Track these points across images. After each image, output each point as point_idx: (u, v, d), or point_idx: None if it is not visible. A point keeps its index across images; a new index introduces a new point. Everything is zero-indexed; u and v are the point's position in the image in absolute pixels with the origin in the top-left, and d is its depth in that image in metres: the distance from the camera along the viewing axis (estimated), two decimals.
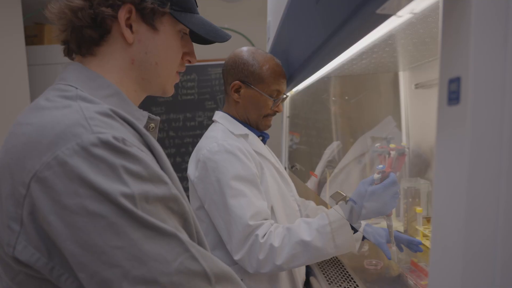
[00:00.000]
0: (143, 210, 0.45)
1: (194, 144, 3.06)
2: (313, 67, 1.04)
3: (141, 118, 0.59)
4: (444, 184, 0.37)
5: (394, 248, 1.03)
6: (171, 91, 0.64)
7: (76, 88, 0.53)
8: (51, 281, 0.46)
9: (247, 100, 1.12)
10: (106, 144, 0.46)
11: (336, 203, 0.96)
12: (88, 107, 0.49)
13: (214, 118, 1.17)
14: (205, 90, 3.00)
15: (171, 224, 0.47)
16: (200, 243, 0.53)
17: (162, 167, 0.52)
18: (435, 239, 0.38)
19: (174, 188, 0.49)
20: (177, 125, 2.99)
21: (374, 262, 1.16)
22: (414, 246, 1.07)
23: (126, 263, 0.43)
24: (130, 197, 0.44)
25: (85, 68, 0.56)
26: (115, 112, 0.51)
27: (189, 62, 0.65)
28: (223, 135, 1.07)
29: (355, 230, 0.98)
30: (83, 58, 0.58)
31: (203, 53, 3.05)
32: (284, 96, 1.15)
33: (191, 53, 0.65)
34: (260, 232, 0.94)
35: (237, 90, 1.12)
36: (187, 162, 1.14)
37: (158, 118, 0.63)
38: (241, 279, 0.79)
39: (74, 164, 0.44)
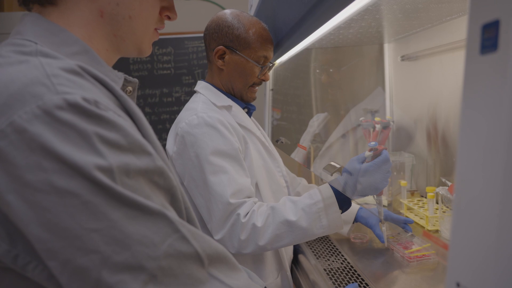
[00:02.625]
0: (123, 185, 0.39)
1: (171, 121, 2.96)
2: (301, 33, 0.98)
3: (116, 80, 0.51)
4: (472, 149, 0.33)
5: (384, 228, 1.02)
6: (148, 51, 0.57)
7: (36, 43, 0.45)
8: (16, 270, 0.40)
9: (232, 67, 1.04)
10: (74, 107, 0.38)
11: (331, 175, 0.92)
12: (50, 62, 0.41)
13: (196, 88, 1.09)
14: (182, 64, 2.87)
15: (157, 201, 0.41)
16: (189, 220, 0.47)
17: (144, 135, 0.45)
18: (456, 222, 0.34)
19: (159, 159, 0.43)
20: (153, 101, 2.87)
21: (360, 235, 1.15)
22: (406, 226, 1.08)
23: (106, 247, 0.37)
24: (107, 170, 0.38)
25: (45, 19, 0.48)
26: (84, 69, 0.43)
27: (169, 18, 0.57)
28: (203, 106, 1.00)
29: (343, 210, 0.94)
30: (42, 8, 0.49)
31: (180, 25, 2.92)
32: (271, 64, 1.08)
33: (170, 7, 0.57)
34: (242, 211, 0.89)
35: (221, 56, 1.04)
36: (165, 140, 1.06)
37: (136, 80, 0.55)
38: None
39: (35, 132, 0.36)
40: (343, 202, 0.92)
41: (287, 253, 1.10)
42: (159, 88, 2.86)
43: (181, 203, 0.45)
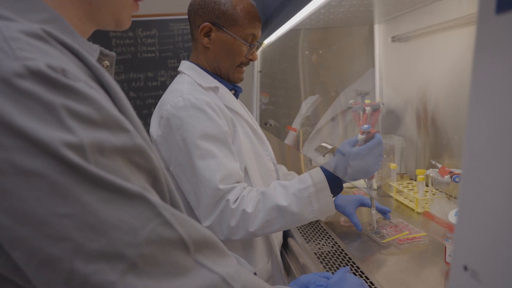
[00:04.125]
0: (97, 165, 0.34)
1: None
2: (291, 9, 0.93)
3: (90, 52, 0.46)
4: (483, 123, 0.30)
5: (373, 211, 1.01)
6: (127, 23, 0.51)
7: None
8: None
9: (218, 45, 0.99)
10: (37, 75, 0.33)
11: (323, 156, 0.89)
12: (8, 25, 0.36)
13: (180, 68, 1.04)
14: (167, 47, 2.79)
15: (137, 183, 0.37)
16: (173, 204, 0.43)
17: (121, 110, 0.40)
18: (463, 208, 0.31)
19: (138, 137, 0.39)
20: (137, 85, 2.78)
21: None
22: (385, 214, 1.07)
23: (78, 234, 0.33)
24: (77, 147, 0.33)
25: None
26: (50, 33, 0.38)
27: None
28: (189, 87, 0.96)
29: (335, 194, 0.93)
30: None
31: (164, 6, 2.81)
32: (259, 42, 1.04)
33: None
34: (231, 196, 0.87)
35: (207, 34, 0.99)
36: (149, 125, 1.01)
37: (113, 54, 0.50)
38: None
39: None
40: (335, 187, 0.90)
41: (277, 238, 1.08)
42: (143, 72, 2.78)
43: (164, 185, 0.41)
